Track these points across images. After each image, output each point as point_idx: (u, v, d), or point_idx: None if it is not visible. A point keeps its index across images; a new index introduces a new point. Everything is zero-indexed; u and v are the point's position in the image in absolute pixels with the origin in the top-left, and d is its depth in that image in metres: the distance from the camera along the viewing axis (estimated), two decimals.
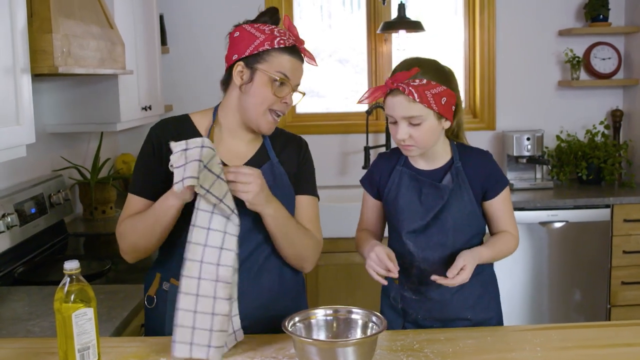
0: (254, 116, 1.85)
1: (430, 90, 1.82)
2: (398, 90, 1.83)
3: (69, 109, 3.09)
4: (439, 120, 1.88)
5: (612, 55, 4.21)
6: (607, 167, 4.02)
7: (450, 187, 1.93)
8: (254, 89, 1.83)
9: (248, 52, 1.82)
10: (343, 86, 4.44)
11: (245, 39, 1.82)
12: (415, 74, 1.82)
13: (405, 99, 1.83)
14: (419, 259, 1.96)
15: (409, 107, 1.83)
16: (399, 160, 2.02)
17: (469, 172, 1.96)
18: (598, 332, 1.84)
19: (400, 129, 1.87)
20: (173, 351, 1.61)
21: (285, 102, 1.86)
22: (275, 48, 1.81)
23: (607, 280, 3.79)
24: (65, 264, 1.51)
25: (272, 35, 1.81)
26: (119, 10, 3.07)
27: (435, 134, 1.89)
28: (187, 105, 1.86)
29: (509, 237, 1.99)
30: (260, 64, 1.82)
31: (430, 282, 1.89)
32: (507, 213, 2.00)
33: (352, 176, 4.27)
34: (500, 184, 1.98)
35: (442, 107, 1.85)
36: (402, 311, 2.03)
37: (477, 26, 4.24)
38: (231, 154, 1.90)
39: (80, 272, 1.54)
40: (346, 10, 4.39)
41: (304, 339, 1.55)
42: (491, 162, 1.99)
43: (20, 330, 1.96)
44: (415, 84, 1.81)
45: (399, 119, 1.87)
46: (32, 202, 2.80)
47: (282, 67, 1.82)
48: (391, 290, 2.05)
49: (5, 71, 1.99)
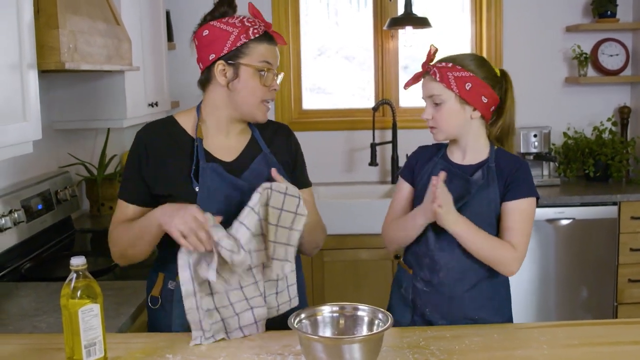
0: (248, 110, 1.87)
1: (454, 72, 1.90)
2: (427, 72, 1.95)
3: (76, 106, 3.09)
4: (462, 106, 1.92)
5: (619, 51, 4.19)
6: (614, 164, 4.00)
7: (480, 183, 1.94)
8: (242, 84, 1.83)
9: (227, 50, 1.81)
10: (349, 83, 4.43)
11: (218, 37, 1.82)
12: (435, 52, 1.96)
13: (430, 78, 1.94)
14: (433, 247, 1.95)
15: (431, 86, 1.94)
16: (438, 153, 2.07)
17: (500, 172, 1.96)
18: (605, 330, 1.83)
19: (426, 108, 1.97)
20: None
21: (273, 89, 1.88)
22: (252, 39, 1.81)
23: (614, 278, 3.77)
24: (72, 259, 1.52)
25: (244, 26, 1.81)
26: (126, 7, 3.07)
27: (456, 118, 1.93)
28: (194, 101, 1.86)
29: (505, 249, 1.90)
30: (241, 58, 1.82)
31: (442, 275, 1.93)
32: (518, 224, 1.92)
33: (358, 173, 4.27)
34: (523, 189, 1.94)
35: (465, 92, 1.89)
36: (411, 303, 2.02)
37: (483, 22, 4.22)
38: (222, 149, 1.90)
39: (87, 268, 1.54)
40: (353, 7, 4.38)
41: (310, 336, 1.55)
42: (524, 169, 1.97)
43: (27, 326, 1.97)
44: (441, 66, 1.93)
45: (425, 99, 1.98)
46: (39, 198, 2.80)
47: (263, 56, 1.83)
48: (404, 280, 2.06)
49: (12, 67, 1.99)
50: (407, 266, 2.05)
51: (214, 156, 1.87)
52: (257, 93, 1.84)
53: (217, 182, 1.82)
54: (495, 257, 1.91)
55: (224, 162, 1.87)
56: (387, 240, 2.07)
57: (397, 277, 2.11)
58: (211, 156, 1.87)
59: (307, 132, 4.12)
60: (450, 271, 1.94)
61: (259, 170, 1.88)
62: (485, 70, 1.93)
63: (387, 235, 2.07)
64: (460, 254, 1.93)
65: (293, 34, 4.23)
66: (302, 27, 4.29)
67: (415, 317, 2.02)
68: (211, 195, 1.80)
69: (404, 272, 2.06)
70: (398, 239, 2.03)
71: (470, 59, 1.94)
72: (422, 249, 1.98)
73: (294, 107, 4.29)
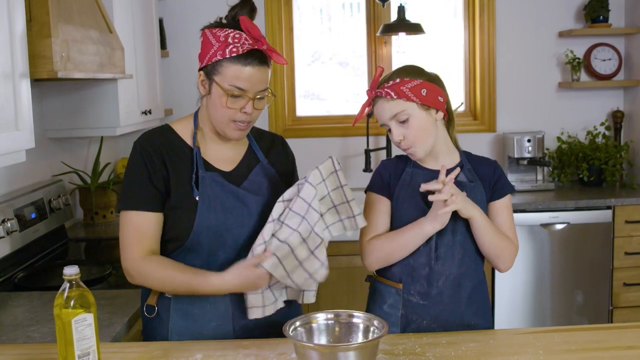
0: (218, 126, 1.83)
1: (406, 85, 1.87)
2: (378, 96, 1.90)
3: (69, 114, 3.08)
4: (427, 112, 1.90)
5: (612, 56, 4.20)
6: (608, 169, 4.01)
7: (470, 185, 1.94)
8: (212, 102, 1.79)
9: (206, 62, 1.77)
10: (343, 89, 4.43)
11: (205, 46, 1.77)
12: (384, 76, 1.90)
13: (384, 100, 1.89)
14: (432, 257, 1.92)
15: (389, 107, 1.88)
16: (407, 163, 2.01)
17: (481, 176, 1.98)
18: (601, 335, 1.83)
19: (393, 131, 1.90)
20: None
21: (245, 112, 1.77)
22: (226, 58, 1.71)
23: (609, 282, 3.77)
24: (64, 269, 1.51)
25: (225, 43, 1.71)
26: (119, 15, 3.07)
27: (428, 127, 1.90)
28: (187, 109, 1.87)
29: (508, 239, 1.96)
30: (215, 75, 1.75)
31: (441, 283, 1.92)
32: (508, 220, 1.99)
33: (353, 179, 4.26)
34: (506, 188, 2.00)
35: (423, 98, 1.87)
36: (402, 318, 1.97)
37: (477, 28, 4.23)
38: (219, 159, 1.88)
39: (80, 277, 1.53)
40: (346, 13, 4.39)
41: (305, 344, 1.54)
42: (499, 167, 2.03)
43: (20, 336, 1.96)
44: (389, 84, 1.88)
45: (387, 122, 1.91)
46: (32, 207, 2.79)
47: (236, 79, 1.72)
48: (388, 297, 1.99)
49: (4, 76, 1.99)
50: (392, 282, 1.98)
51: (213, 166, 1.86)
52: (224, 113, 1.77)
53: (217, 190, 1.81)
54: (502, 249, 1.93)
55: (223, 171, 1.86)
56: (373, 258, 1.96)
57: (377, 295, 2.03)
58: (210, 166, 1.85)
59: (301, 139, 4.12)
60: (449, 278, 1.93)
61: (257, 181, 1.87)
62: (426, 74, 1.93)
63: (374, 253, 1.95)
64: (458, 261, 1.93)
65: (286, 40, 4.23)
66: (296, 33, 4.29)
67: (408, 332, 1.97)
68: (212, 204, 1.79)
69: (388, 288, 1.99)
70: (393, 254, 1.93)
71: (409, 70, 1.92)
72: (420, 261, 1.93)
73: (287, 114, 4.29)
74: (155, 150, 1.82)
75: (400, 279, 1.96)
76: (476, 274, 1.97)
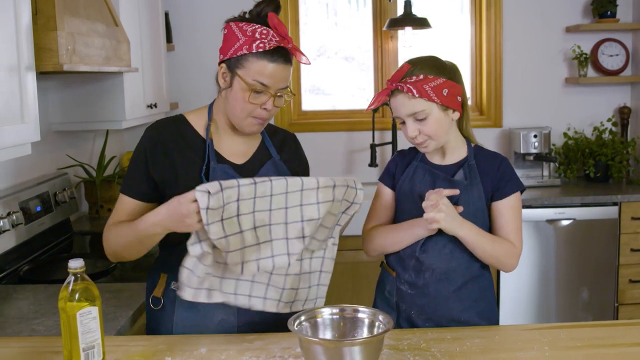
0: (235, 120, 1.83)
1: (429, 83, 1.84)
2: (398, 90, 1.87)
3: (74, 107, 3.08)
4: (445, 112, 1.89)
5: (619, 51, 4.18)
6: (614, 165, 3.99)
7: (464, 184, 1.93)
8: (233, 95, 1.79)
9: (229, 55, 1.77)
10: (349, 84, 4.42)
11: (229, 40, 1.77)
12: (409, 70, 1.86)
13: (406, 96, 1.86)
14: (419, 250, 1.94)
15: (410, 104, 1.86)
16: (415, 157, 2.04)
17: (482, 171, 1.96)
18: (607, 332, 1.82)
19: (409, 127, 1.90)
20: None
21: (265, 109, 1.79)
22: (253, 53, 1.72)
23: (614, 279, 3.76)
24: (69, 262, 1.51)
25: (252, 38, 1.72)
26: (124, 8, 3.07)
27: (443, 125, 1.90)
28: (193, 102, 1.86)
29: (507, 244, 1.92)
30: (239, 69, 1.76)
31: (427, 275, 1.93)
32: (512, 221, 1.94)
33: (358, 174, 4.26)
34: (511, 186, 1.94)
35: (444, 99, 1.86)
36: (396, 306, 2.01)
37: (483, 23, 4.22)
38: (232, 152, 1.89)
39: (85, 270, 1.53)
40: (352, 7, 4.37)
41: (310, 339, 1.54)
42: (505, 164, 1.98)
43: (25, 329, 1.96)
44: (412, 81, 1.85)
45: (405, 118, 1.90)
46: (38, 200, 2.80)
47: (260, 74, 1.74)
48: (387, 283, 2.04)
49: (10, 69, 1.98)
50: (390, 269, 2.03)
51: (225, 158, 1.86)
52: (244, 108, 1.78)
53: None
54: (499, 257, 1.91)
55: (234, 164, 1.86)
56: (371, 246, 2.03)
57: (381, 280, 2.10)
58: (222, 158, 1.86)
59: (306, 134, 4.11)
60: (435, 272, 1.93)
61: (268, 176, 1.87)
62: (448, 70, 1.90)
63: (372, 241, 2.03)
64: (446, 255, 1.92)
65: (292, 34, 4.22)
66: (302, 28, 4.28)
67: (400, 320, 2.00)
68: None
69: (388, 275, 2.04)
70: (386, 247, 2.00)
71: (433, 65, 1.88)
72: (407, 252, 1.96)
73: (293, 108, 4.29)
74: (161, 139, 1.83)
75: (394, 267, 2.01)
76: (469, 270, 1.95)
